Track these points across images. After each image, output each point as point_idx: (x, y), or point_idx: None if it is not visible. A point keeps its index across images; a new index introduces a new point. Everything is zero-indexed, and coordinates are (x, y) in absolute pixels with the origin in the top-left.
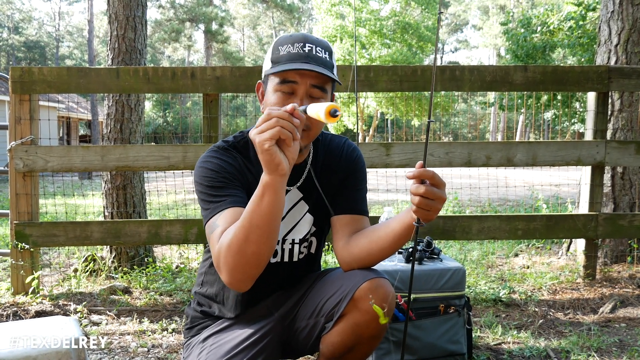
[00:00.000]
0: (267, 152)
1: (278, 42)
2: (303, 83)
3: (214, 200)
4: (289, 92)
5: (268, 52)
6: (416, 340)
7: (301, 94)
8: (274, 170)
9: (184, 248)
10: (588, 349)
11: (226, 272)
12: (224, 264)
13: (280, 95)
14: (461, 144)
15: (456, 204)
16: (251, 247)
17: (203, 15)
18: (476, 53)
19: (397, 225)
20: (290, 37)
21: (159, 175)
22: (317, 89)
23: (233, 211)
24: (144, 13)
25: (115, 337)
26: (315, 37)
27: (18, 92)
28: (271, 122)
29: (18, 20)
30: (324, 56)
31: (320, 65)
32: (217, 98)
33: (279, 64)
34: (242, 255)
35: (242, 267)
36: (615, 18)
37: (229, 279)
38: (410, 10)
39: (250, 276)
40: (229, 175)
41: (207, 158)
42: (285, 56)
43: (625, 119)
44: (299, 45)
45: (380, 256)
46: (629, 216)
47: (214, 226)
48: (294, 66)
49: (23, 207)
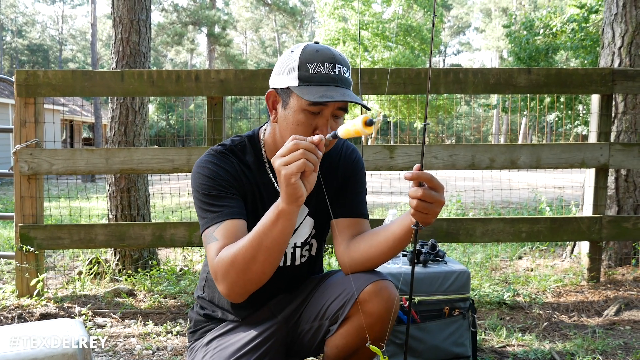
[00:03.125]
0: (293, 185)
1: (305, 56)
2: (332, 106)
3: (211, 210)
4: (317, 112)
5: (291, 64)
6: (421, 342)
7: (327, 115)
8: (294, 201)
9: (188, 251)
10: (593, 351)
11: (225, 285)
12: (224, 278)
13: (307, 115)
14: (465, 146)
15: (460, 206)
16: (257, 267)
17: (206, 18)
18: (479, 56)
19: (397, 228)
20: (318, 54)
21: (163, 178)
22: (342, 110)
23: (231, 224)
24: (148, 16)
25: (120, 340)
26: (339, 54)
27: (23, 96)
28: (297, 153)
29: (21, 24)
30: (348, 77)
31: (348, 87)
32: (221, 101)
33: (311, 84)
34: (246, 272)
35: (244, 282)
36: (618, 20)
37: (227, 292)
38: (413, 13)
39: (249, 291)
40: (225, 183)
41: (204, 163)
42: (317, 77)
43: (629, 121)
44: (329, 66)
45: (380, 260)
46: (633, 218)
47: (211, 238)
48: (333, 98)
49: (28, 209)
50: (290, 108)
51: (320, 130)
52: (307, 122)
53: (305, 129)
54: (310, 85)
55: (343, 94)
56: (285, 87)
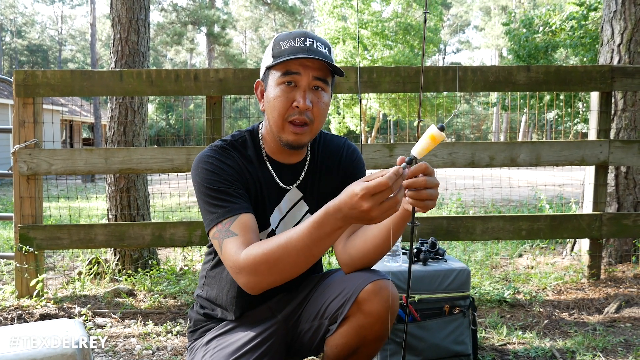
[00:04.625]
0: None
1: (278, 38)
2: (306, 75)
3: (221, 204)
4: (292, 84)
5: (268, 49)
6: (421, 341)
7: (304, 86)
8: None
9: (188, 250)
10: (593, 349)
11: (251, 280)
12: (253, 273)
13: (283, 88)
14: (464, 144)
15: (460, 204)
16: (293, 268)
17: (205, 18)
18: (478, 54)
19: (389, 219)
20: (290, 34)
21: (163, 177)
22: (320, 80)
23: (246, 218)
24: (147, 16)
25: (119, 340)
26: (314, 34)
27: (22, 96)
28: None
29: (21, 24)
30: (324, 51)
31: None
32: (220, 100)
33: (281, 57)
34: (280, 272)
35: (273, 278)
36: (617, 17)
37: (251, 286)
38: (412, 12)
39: (272, 286)
40: (230, 178)
41: (207, 158)
42: (287, 50)
43: (629, 119)
44: (300, 40)
45: (376, 254)
46: (633, 215)
47: (227, 232)
48: (298, 56)
49: (27, 210)
50: (269, 87)
51: (297, 102)
52: (284, 95)
53: (283, 102)
54: (281, 57)
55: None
56: (265, 71)
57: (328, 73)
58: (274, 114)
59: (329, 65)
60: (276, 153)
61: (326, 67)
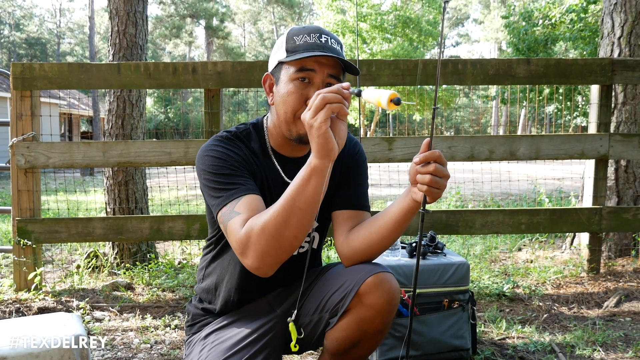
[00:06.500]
0: (324, 135)
1: (292, 32)
2: (321, 72)
3: (227, 187)
4: (306, 80)
5: (280, 43)
6: (420, 335)
7: (318, 83)
8: (326, 155)
9: (186, 244)
10: (593, 343)
11: (255, 256)
12: (255, 249)
13: (297, 84)
14: (464, 138)
15: (459, 198)
16: (290, 231)
17: (204, 11)
18: (477, 47)
19: (397, 210)
20: (305, 29)
21: (161, 171)
22: (333, 77)
23: (251, 198)
24: (144, 8)
25: (117, 334)
26: (327, 29)
27: (19, 89)
28: (321, 103)
29: (19, 17)
30: (337, 48)
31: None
32: (218, 93)
33: (297, 52)
34: (278, 238)
35: (276, 250)
36: (618, 10)
37: (257, 264)
38: (411, 5)
39: (280, 261)
40: (237, 163)
41: (212, 147)
42: (303, 45)
43: (629, 112)
44: (315, 36)
45: (380, 246)
46: (633, 209)
47: (232, 214)
48: (315, 53)
49: (25, 203)
50: (281, 82)
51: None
52: (298, 92)
53: (297, 99)
54: (296, 53)
55: (328, 53)
56: (276, 65)
57: (340, 70)
58: (286, 109)
59: (343, 62)
60: (282, 146)
61: (339, 64)
